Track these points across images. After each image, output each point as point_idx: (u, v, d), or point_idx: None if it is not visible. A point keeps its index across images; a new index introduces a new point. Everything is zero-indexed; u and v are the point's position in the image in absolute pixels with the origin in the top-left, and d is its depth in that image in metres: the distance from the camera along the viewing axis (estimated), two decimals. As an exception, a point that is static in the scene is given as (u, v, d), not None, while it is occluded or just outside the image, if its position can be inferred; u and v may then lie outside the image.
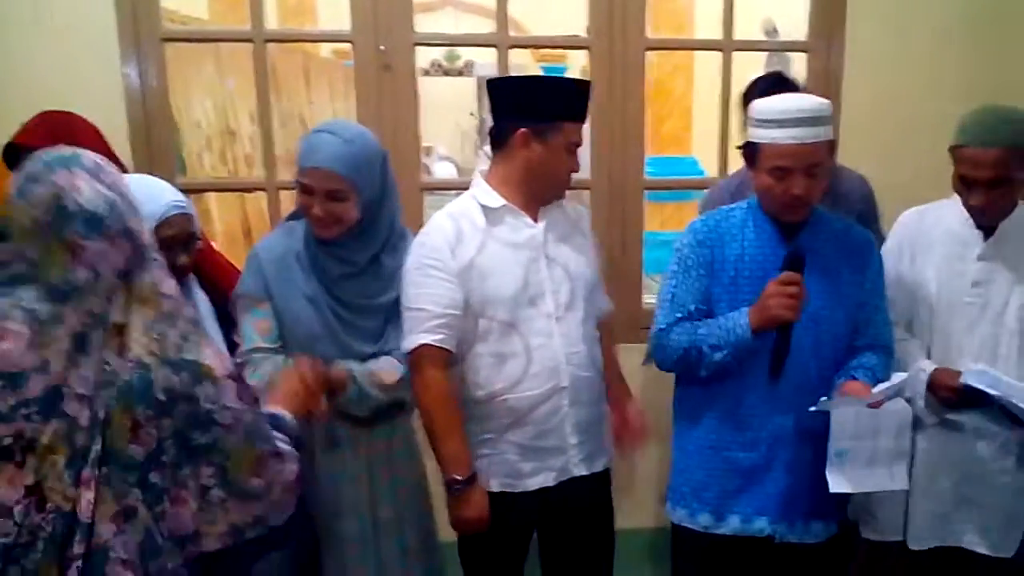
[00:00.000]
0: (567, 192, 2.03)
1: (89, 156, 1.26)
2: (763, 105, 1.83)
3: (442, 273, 1.86)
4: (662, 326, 1.95)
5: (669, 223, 4.53)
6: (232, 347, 1.91)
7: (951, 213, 2.04)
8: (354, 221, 1.88)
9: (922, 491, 2.04)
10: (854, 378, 1.88)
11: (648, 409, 2.13)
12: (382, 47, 2.63)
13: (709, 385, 1.95)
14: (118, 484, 1.20)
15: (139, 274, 1.25)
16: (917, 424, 2.01)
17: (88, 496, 1.18)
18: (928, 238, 2.06)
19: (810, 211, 1.90)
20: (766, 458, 1.93)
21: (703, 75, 5.16)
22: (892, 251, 2.11)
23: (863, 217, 2.33)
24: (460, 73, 6.42)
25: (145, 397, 1.20)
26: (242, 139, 3.76)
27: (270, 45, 2.77)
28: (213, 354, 1.28)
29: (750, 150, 1.88)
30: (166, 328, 1.24)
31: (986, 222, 1.98)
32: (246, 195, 3.83)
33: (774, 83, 2.36)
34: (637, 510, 2.85)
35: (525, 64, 5.75)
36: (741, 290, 1.90)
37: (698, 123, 5.50)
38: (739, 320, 1.84)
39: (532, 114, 1.86)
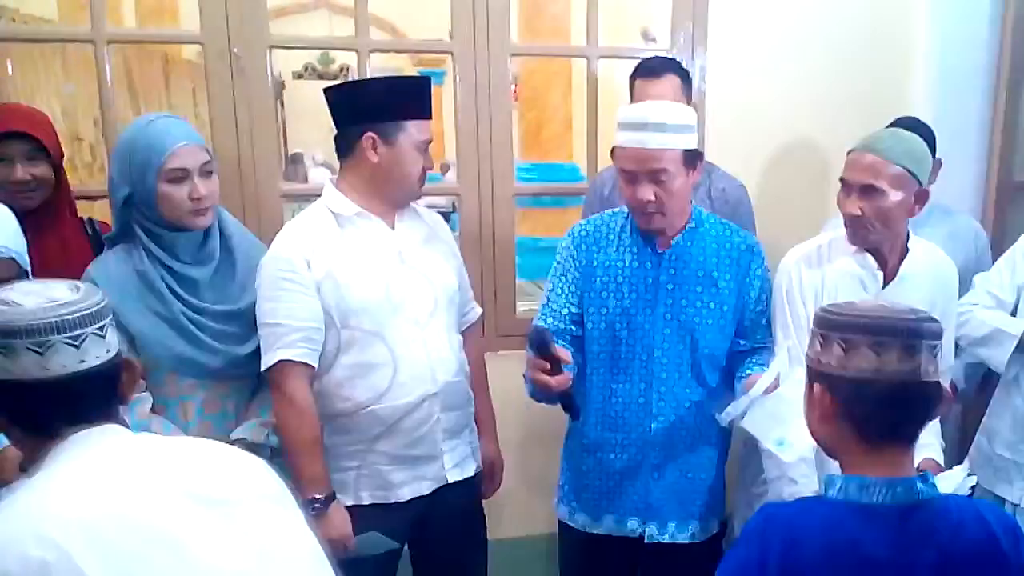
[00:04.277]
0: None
1: None
2: (620, 110, 1.85)
3: (297, 286, 1.79)
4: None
5: (553, 228, 4.54)
6: None
7: (845, 255, 1.97)
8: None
9: None
10: (751, 373, 1.89)
11: (538, 414, 2.08)
12: (235, 49, 2.51)
13: (587, 387, 1.96)
14: None
15: None
16: None
17: None
18: (829, 281, 1.96)
19: (671, 219, 1.87)
20: (637, 460, 1.95)
21: (582, 82, 5.21)
22: (779, 294, 2.00)
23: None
24: (336, 77, 6.28)
25: None
26: (90, 145, 3.52)
27: (127, 47, 2.61)
28: None
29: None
30: None
31: (857, 241, 1.92)
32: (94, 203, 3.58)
33: (661, 62, 2.37)
34: (532, 517, 2.78)
35: (403, 68, 5.69)
36: (609, 297, 1.91)
37: (578, 129, 5.55)
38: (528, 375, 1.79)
39: (374, 116, 1.82)
